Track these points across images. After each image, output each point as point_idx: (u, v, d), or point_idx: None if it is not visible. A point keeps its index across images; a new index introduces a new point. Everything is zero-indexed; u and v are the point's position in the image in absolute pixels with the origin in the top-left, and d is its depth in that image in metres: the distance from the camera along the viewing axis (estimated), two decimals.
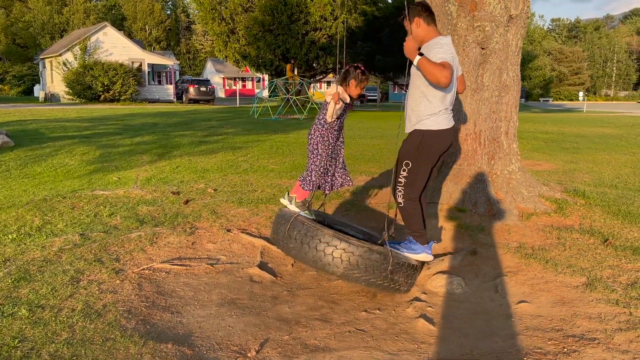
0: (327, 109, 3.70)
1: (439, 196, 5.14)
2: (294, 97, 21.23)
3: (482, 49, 5.17)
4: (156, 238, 4.51)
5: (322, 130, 3.75)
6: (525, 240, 4.41)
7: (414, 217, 3.45)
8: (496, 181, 5.25)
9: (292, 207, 3.90)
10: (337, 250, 3.22)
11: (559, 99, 70.10)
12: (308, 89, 22.26)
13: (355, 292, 3.70)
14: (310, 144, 3.82)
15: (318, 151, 3.76)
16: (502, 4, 5.08)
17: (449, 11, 5.12)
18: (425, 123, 3.43)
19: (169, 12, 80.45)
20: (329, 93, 3.64)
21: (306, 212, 3.84)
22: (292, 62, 23.88)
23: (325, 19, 27.25)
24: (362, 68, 3.74)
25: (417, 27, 3.49)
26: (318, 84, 40.32)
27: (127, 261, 3.99)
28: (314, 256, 3.28)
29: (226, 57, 29.76)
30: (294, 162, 8.57)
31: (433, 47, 3.30)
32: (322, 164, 3.76)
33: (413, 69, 3.48)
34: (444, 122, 3.42)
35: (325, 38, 27.44)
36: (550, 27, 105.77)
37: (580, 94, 54.46)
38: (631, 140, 13.56)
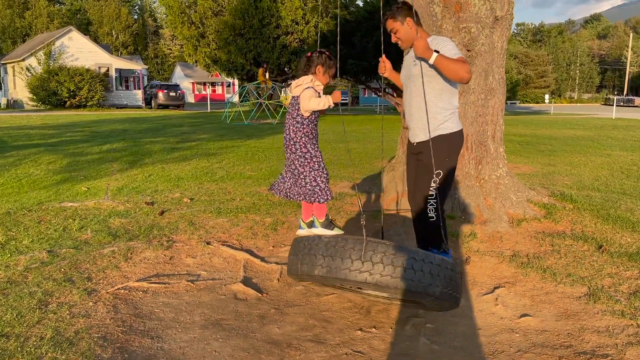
0: (298, 103, 3.22)
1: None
2: (267, 102, 20.94)
3: (468, 51, 5.04)
4: (131, 253, 4.21)
5: (304, 127, 3.23)
6: (518, 248, 4.27)
7: (444, 229, 3.24)
8: (484, 186, 5.12)
9: (331, 232, 3.28)
10: (432, 267, 2.68)
11: (526, 101, 71.53)
12: (280, 93, 22.00)
13: (347, 308, 3.48)
14: (297, 149, 3.23)
15: (311, 153, 3.23)
16: (488, 4, 4.95)
17: (434, 12, 4.97)
18: (447, 126, 3.27)
19: (136, 17, 79.05)
20: (295, 85, 3.27)
21: (337, 229, 3.36)
22: (264, 66, 23.56)
23: (297, 23, 27.05)
24: (327, 53, 3.31)
25: (409, 27, 3.32)
26: (288, 89, 40.11)
27: (100, 280, 3.69)
28: (413, 278, 2.62)
29: (196, 61, 29.24)
30: (272, 168, 8.32)
31: (443, 43, 3.14)
32: (323, 164, 3.28)
33: (413, 72, 3.29)
34: (459, 120, 3.34)
35: (297, 42, 27.23)
36: (515, 31, 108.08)
37: (546, 96, 55.60)
38: (602, 142, 13.74)
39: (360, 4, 25.30)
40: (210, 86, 60.79)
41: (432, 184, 3.25)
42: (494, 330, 3.08)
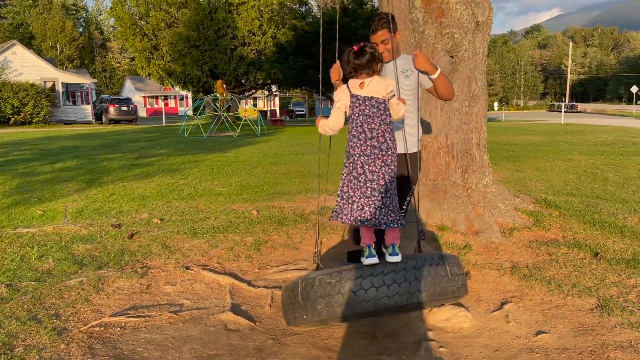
0: (385, 107, 2.76)
1: (416, 214, 4.76)
2: (225, 114, 20.49)
3: (452, 57, 4.91)
4: (102, 284, 3.80)
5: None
6: (516, 259, 4.12)
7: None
8: (472, 196, 4.98)
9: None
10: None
11: None
12: (238, 105, 21.59)
13: (350, 334, 3.21)
14: (392, 161, 2.76)
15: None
16: (470, 10, 4.84)
17: (416, 18, 4.82)
18: (418, 142, 3.40)
19: (81, 30, 76.59)
20: (377, 84, 2.76)
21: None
22: (223, 77, 23.11)
23: (254, 34, 26.76)
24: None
25: (398, 39, 3.25)
26: (244, 101, 39.57)
27: (70, 317, 3.28)
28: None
29: (149, 74, 28.44)
30: (242, 183, 7.97)
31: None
32: None
33: (405, 85, 3.14)
34: None
35: (254, 53, 26.91)
36: None
37: (495, 104, 57.21)
38: (560, 147, 14.06)
39: (318, 15, 25.31)
40: (163, 99, 59.44)
41: (408, 196, 3.38)
42: (512, 352, 2.87)
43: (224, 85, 22.24)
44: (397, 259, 2.71)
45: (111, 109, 32.27)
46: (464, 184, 5.02)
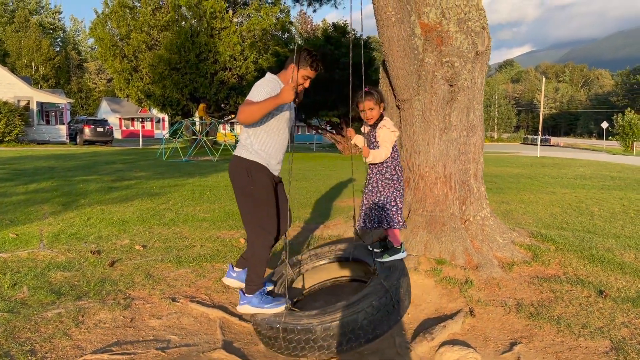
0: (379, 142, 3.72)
1: (414, 247, 4.60)
2: (204, 138, 20.23)
3: (451, 85, 4.83)
4: (82, 316, 3.51)
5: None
6: (520, 296, 3.97)
7: None
8: (470, 228, 4.84)
9: (400, 255, 3.73)
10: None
11: None
12: (217, 130, 21.35)
13: None
14: (395, 174, 3.75)
15: (400, 177, 3.76)
16: (470, 39, 4.79)
17: (415, 45, 4.73)
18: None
19: (58, 49, 75.73)
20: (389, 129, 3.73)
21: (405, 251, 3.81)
22: (206, 102, 22.90)
23: (235, 59, 26.70)
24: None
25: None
26: (221, 125, 39.28)
27: (47, 353, 2.98)
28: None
29: (128, 96, 28.04)
30: (225, 209, 7.71)
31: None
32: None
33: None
34: None
35: (235, 78, 26.82)
36: None
37: None
38: (541, 179, 14.18)
39: (300, 41, 25.44)
40: (139, 122, 58.78)
41: None
42: None
43: (206, 110, 22.03)
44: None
45: (86, 130, 31.64)
46: (462, 216, 4.89)
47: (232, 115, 30.97)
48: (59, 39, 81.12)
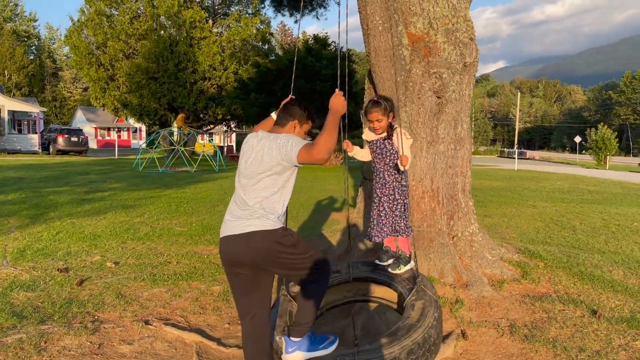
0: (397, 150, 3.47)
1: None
2: (182, 149, 19.87)
3: (438, 97, 4.69)
4: (45, 342, 3.22)
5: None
6: (512, 317, 3.81)
7: None
8: (458, 244, 4.68)
9: (412, 264, 3.55)
10: None
11: None
12: (196, 140, 21.03)
13: None
14: (407, 182, 3.62)
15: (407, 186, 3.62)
16: (458, 50, 4.66)
17: (402, 55, 4.59)
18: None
19: (32, 57, 74.30)
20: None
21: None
22: (186, 112, 22.54)
23: (215, 69, 26.42)
24: None
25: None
26: (200, 136, 38.84)
27: None
28: None
29: (104, 105, 27.48)
30: (203, 223, 7.44)
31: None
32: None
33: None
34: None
35: (214, 88, 26.51)
36: None
37: None
38: (521, 192, 14.20)
39: (280, 52, 25.34)
40: (115, 131, 57.83)
41: None
42: None
43: (184, 120, 21.67)
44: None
45: (60, 139, 30.88)
46: (450, 231, 4.73)
47: (211, 126, 30.62)
48: (34, 47, 79.61)
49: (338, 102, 2.66)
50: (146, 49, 25.17)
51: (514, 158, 34.75)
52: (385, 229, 3.54)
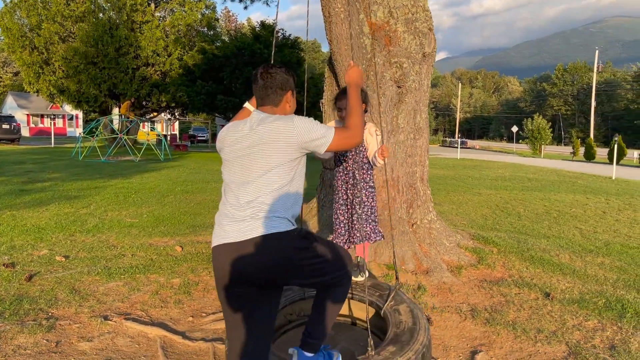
0: (367, 147, 3.30)
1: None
2: (125, 137, 19.18)
3: (399, 87, 4.73)
4: None
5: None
6: (473, 301, 3.92)
7: None
8: (417, 232, 4.77)
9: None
10: None
11: None
12: (139, 129, 20.34)
13: None
14: (374, 183, 3.42)
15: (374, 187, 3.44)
16: (417, 40, 4.72)
17: (364, 44, 4.59)
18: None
19: None
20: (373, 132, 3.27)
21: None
22: (132, 100, 21.69)
23: (158, 55, 25.56)
24: None
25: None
26: (142, 124, 37.61)
27: None
28: None
29: (38, 90, 26.04)
30: (154, 214, 7.22)
31: None
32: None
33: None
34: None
35: (158, 74, 25.67)
36: None
37: None
38: (465, 180, 14.65)
39: (226, 39, 24.83)
40: (50, 119, 55.04)
41: None
42: None
43: (129, 108, 20.89)
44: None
45: None
46: (409, 219, 4.81)
47: (154, 114, 29.70)
48: None
49: (356, 73, 2.35)
50: (84, 32, 24.00)
51: (456, 147, 35.81)
52: (353, 236, 3.30)
